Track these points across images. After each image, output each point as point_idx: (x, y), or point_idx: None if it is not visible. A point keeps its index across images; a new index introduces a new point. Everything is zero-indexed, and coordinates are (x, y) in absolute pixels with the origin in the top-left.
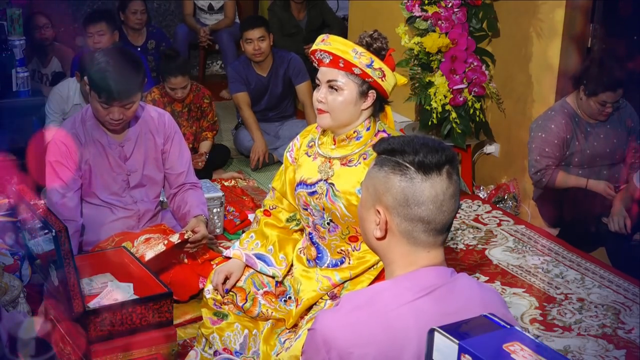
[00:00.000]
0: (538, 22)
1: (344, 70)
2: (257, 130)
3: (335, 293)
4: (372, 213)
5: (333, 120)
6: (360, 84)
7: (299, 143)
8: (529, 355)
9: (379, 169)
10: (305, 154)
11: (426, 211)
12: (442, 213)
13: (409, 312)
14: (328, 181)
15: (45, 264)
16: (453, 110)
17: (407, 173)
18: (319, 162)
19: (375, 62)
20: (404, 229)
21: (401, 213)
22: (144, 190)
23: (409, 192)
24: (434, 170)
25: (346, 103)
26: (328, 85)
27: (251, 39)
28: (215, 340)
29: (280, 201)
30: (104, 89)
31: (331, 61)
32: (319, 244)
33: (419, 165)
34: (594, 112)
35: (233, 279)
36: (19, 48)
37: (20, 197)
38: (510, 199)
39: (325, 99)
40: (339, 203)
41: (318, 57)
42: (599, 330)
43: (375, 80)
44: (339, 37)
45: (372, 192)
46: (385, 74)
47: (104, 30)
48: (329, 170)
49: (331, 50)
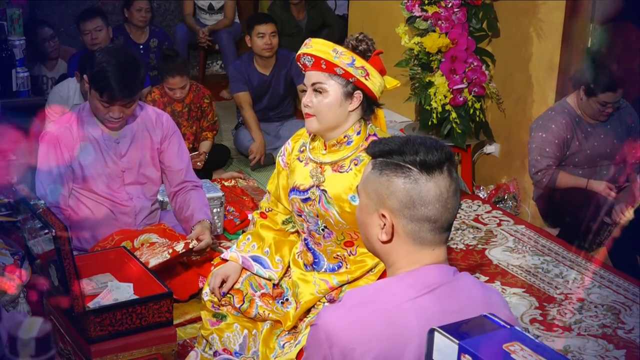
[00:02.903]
0: (538, 22)
1: (326, 71)
2: (258, 130)
3: (333, 296)
4: (376, 217)
5: (320, 123)
6: (344, 84)
7: (290, 147)
8: (529, 355)
9: (379, 173)
10: (297, 159)
11: (433, 210)
12: (447, 211)
13: (411, 310)
14: (320, 187)
15: (45, 264)
16: (453, 110)
17: (411, 174)
18: (310, 168)
19: (357, 60)
20: (410, 230)
21: (407, 215)
22: (140, 188)
23: (414, 193)
24: (437, 169)
25: (331, 105)
26: (313, 88)
27: (264, 34)
28: (214, 341)
29: (276, 204)
30: (105, 89)
31: (313, 64)
32: (315, 250)
33: (421, 165)
34: (594, 113)
35: (230, 282)
36: (19, 48)
37: (21, 197)
38: (510, 199)
39: (311, 102)
40: (332, 210)
41: (302, 62)
42: (599, 330)
43: (358, 80)
44: (320, 40)
45: (374, 196)
46: (369, 72)
47: (101, 26)
48: (320, 176)
49: (312, 53)
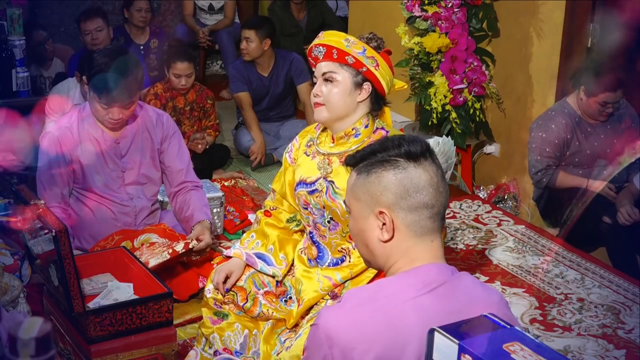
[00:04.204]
0: (538, 22)
1: (337, 61)
2: (258, 130)
3: (337, 293)
4: (373, 219)
5: (329, 112)
6: (355, 74)
7: (297, 144)
8: (529, 355)
9: (367, 174)
10: (305, 154)
11: (428, 195)
12: (440, 194)
13: (411, 309)
14: (327, 179)
15: (45, 264)
16: (453, 110)
17: (399, 165)
18: (317, 160)
19: (368, 50)
20: (410, 221)
21: (404, 206)
22: (141, 188)
23: (406, 182)
24: (421, 157)
25: (341, 93)
26: (323, 78)
27: (242, 37)
28: (215, 340)
29: (281, 203)
30: (104, 91)
31: (325, 54)
32: (320, 243)
33: (407, 155)
34: (594, 113)
35: (233, 278)
36: (19, 48)
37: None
38: (510, 199)
39: (321, 92)
40: (339, 200)
41: (314, 55)
42: (599, 330)
43: (369, 70)
44: (332, 31)
45: (367, 198)
46: (379, 63)
47: (102, 26)
48: (327, 167)
49: (324, 42)
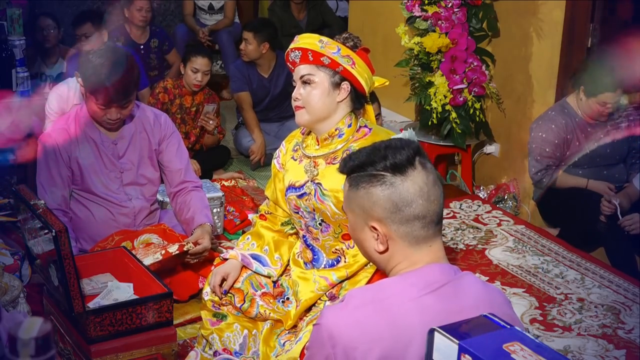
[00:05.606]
0: (538, 22)
1: (313, 63)
2: (258, 130)
3: (334, 293)
4: (368, 231)
5: (310, 114)
6: (332, 74)
7: (284, 149)
8: (529, 355)
9: (356, 189)
10: (292, 159)
11: (418, 207)
12: (432, 203)
13: (414, 309)
14: (315, 181)
15: (45, 264)
16: (453, 110)
17: (386, 180)
18: (304, 164)
19: (343, 49)
20: (403, 232)
21: (396, 219)
22: (139, 189)
23: (395, 197)
24: (408, 167)
25: (320, 95)
26: (302, 81)
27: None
28: (214, 340)
29: (275, 209)
30: (101, 92)
31: (301, 57)
32: (314, 246)
33: (392, 168)
34: (594, 113)
35: (230, 280)
36: (19, 48)
37: (20, 197)
38: (510, 199)
39: (300, 95)
40: (328, 202)
41: (291, 59)
42: (599, 330)
43: (345, 69)
44: (306, 34)
45: (360, 212)
46: (355, 61)
47: (90, 31)
48: (314, 169)
49: (299, 46)
